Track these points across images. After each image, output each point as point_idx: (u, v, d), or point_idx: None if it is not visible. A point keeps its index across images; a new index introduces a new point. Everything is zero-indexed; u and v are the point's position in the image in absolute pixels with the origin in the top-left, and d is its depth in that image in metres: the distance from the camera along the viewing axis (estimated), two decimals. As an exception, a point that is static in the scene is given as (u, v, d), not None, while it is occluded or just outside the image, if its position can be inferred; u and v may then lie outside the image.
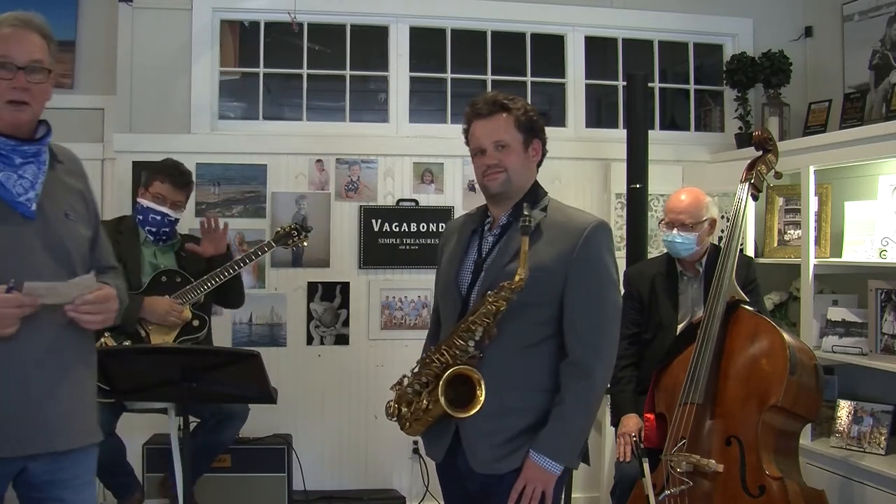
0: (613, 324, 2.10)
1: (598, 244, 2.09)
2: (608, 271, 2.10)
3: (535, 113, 2.17)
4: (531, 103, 2.23)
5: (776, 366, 2.62)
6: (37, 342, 1.84)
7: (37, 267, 1.85)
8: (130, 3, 3.94)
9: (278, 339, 4.05)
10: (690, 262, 3.14)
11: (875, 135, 3.26)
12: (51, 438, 1.86)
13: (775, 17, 4.44)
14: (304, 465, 3.82)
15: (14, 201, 1.85)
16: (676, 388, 2.76)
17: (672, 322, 3.10)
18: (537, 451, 2.02)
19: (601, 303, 2.07)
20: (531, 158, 2.18)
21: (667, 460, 2.70)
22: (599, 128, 4.55)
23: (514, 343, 2.06)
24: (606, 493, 3.64)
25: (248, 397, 2.91)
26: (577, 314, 2.06)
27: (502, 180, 2.13)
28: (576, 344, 2.06)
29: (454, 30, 4.34)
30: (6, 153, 1.85)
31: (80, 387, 1.93)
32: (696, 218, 3.07)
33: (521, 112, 2.14)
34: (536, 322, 2.08)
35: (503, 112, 2.13)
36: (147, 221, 3.21)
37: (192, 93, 4.04)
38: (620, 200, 4.16)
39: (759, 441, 2.59)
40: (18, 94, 1.85)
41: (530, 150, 2.17)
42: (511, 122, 2.13)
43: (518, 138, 2.14)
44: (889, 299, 3.23)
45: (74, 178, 2.02)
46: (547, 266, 2.05)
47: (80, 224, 1.98)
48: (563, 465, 2.04)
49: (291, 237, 3.38)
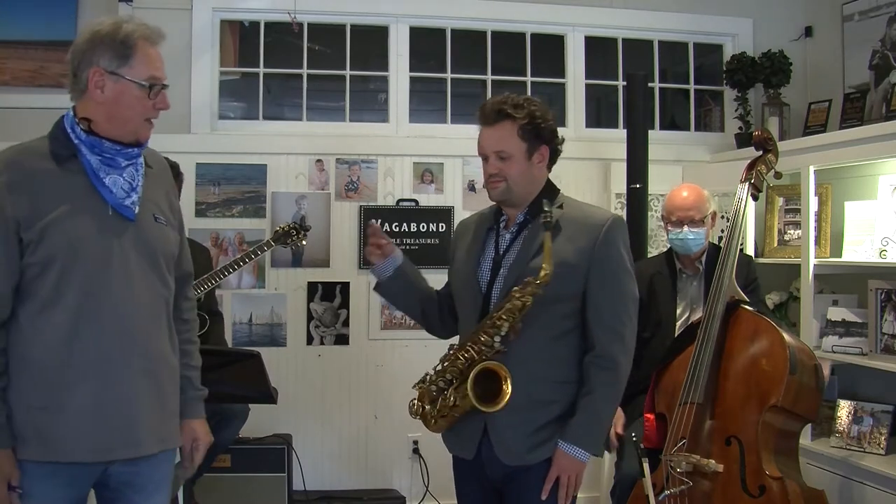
0: (633, 316, 2.17)
1: (616, 238, 2.14)
2: (626, 265, 2.16)
3: (543, 119, 2.15)
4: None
5: (776, 365, 2.62)
6: (126, 348, 1.85)
7: (132, 268, 1.87)
8: (130, 3, 3.94)
9: (278, 339, 4.05)
10: (691, 260, 3.14)
11: (875, 135, 3.27)
12: (136, 443, 1.87)
13: (775, 17, 4.44)
14: (304, 465, 3.83)
15: (120, 204, 1.87)
16: (676, 388, 2.76)
17: (671, 320, 3.09)
18: (568, 441, 2.09)
19: (622, 296, 2.14)
20: (536, 165, 2.18)
21: (666, 460, 2.70)
22: (599, 128, 4.55)
23: (540, 337, 2.11)
24: (606, 493, 3.64)
25: (249, 397, 2.91)
26: (601, 308, 2.12)
27: (502, 189, 2.16)
28: (601, 336, 2.12)
29: (454, 30, 4.34)
30: (112, 156, 1.89)
31: (163, 392, 1.95)
32: (703, 212, 3.09)
33: (525, 120, 2.13)
34: (560, 316, 2.13)
35: (507, 121, 2.13)
36: None
37: (192, 93, 4.04)
38: (620, 200, 4.16)
39: (759, 441, 2.59)
40: (156, 112, 1.96)
41: (535, 157, 2.17)
42: (514, 132, 2.13)
43: (521, 147, 2.14)
44: (889, 299, 3.23)
45: (163, 183, 2.07)
46: (569, 261, 2.10)
47: (169, 228, 2.01)
48: (592, 454, 2.12)
49: (290, 236, 3.38)
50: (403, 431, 3.97)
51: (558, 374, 2.14)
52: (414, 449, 4.04)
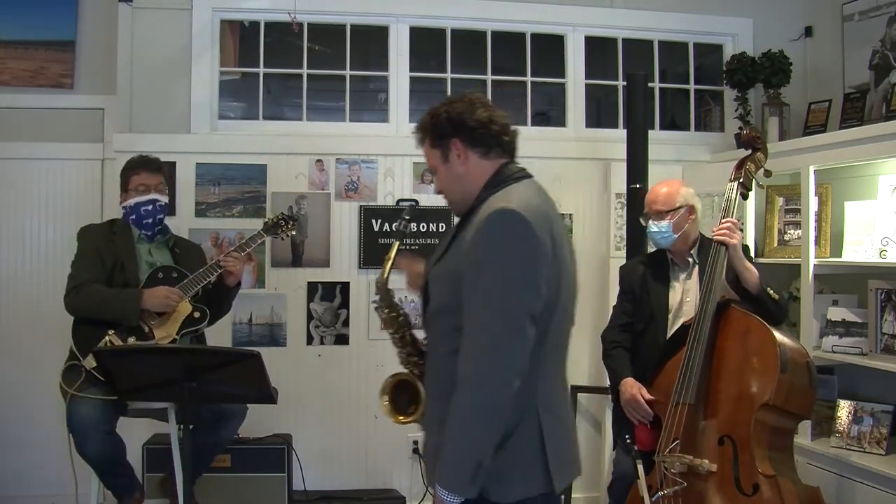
0: (497, 326, 1.76)
1: (490, 233, 1.80)
2: (496, 260, 1.78)
3: (437, 115, 1.97)
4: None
5: (767, 364, 2.63)
6: None
7: None
8: (130, 3, 3.94)
9: (278, 339, 4.05)
10: (680, 252, 3.11)
11: (875, 135, 3.26)
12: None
13: (775, 17, 4.44)
14: (304, 465, 3.83)
15: None
16: (669, 390, 2.76)
17: (663, 313, 3.07)
18: (435, 479, 1.81)
19: (486, 303, 1.77)
20: (457, 162, 1.96)
21: (660, 461, 2.70)
22: (599, 128, 4.55)
23: (441, 349, 1.91)
24: (606, 492, 3.64)
25: (248, 397, 2.91)
26: (465, 314, 1.80)
27: (448, 202, 2.05)
28: (461, 349, 1.79)
29: (454, 30, 4.34)
30: None
31: None
32: (670, 205, 3.02)
33: (429, 128, 1.99)
34: (451, 328, 1.84)
35: (424, 136, 2.03)
36: (140, 216, 3.22)
37: (192, 93, 4.05)
38: (620, 200, 4.16)
39: (753, 440, 2.60)
40: None
41: (451, 156, 1.96)
42: (429, 145, 2.01)
43: (436, 156, 2.00)
44: (889, 299, 3.23)
45: None
46: (454, 265, 1.87)
47: None
48: (457, 493, 1.76)
49: (280, 226, 3.39)
50: (403, 431, 3.94)
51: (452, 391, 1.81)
52: (414, 449, 4.04)
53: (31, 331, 3.96)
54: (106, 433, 2.96)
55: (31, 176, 4.04)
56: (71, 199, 4.06)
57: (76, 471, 3.15)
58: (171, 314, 3.13)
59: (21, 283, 4.03)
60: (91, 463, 2.99)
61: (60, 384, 3.00)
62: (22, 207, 4.05)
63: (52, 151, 4.03)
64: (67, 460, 3.11)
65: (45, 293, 3.91)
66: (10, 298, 4.03)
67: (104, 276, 3.12)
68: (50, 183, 4.06)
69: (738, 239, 2.87)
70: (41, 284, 3.98)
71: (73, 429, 2.94)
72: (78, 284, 3.08)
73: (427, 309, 1.98)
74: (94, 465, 3.01)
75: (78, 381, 2.96)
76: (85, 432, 2.91)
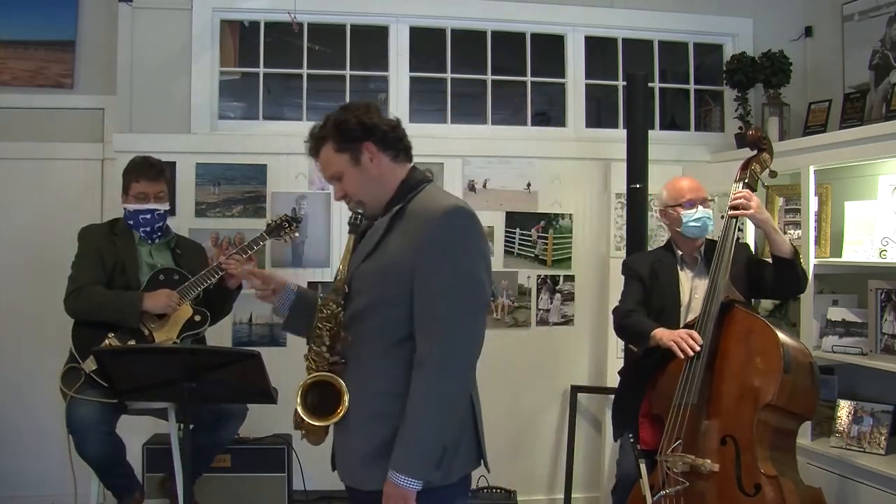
0: (462, 315, 1.87)
1: (447, 231, 1.89)
2: (452, 254, 1.88)
3: (345, 119, 2.02)
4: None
5: (770, 364, 2.63)
6: None
7: None
8: (130, 3, 3.94)
9: (278, 339, 4.05)
10: (692, 249, 3.09)
11: (875, 135, 3.26)
12: None
13: (775, 17, 4.44)
14: (304, 465, 3.82)
15: None
16: (672, 390, 2.76)
17: (675, 307, 3.02)
18: (391, 467, 1.86)
19: (448, 293, 1.86)
20: (371, 165, 2.01)
21: (662, 461, 2.70)
22: (599, 128, 4.55)
23: (378, 344, 1.95)
24: (606, 493, 3.64)
25: (249, 397, 2.91)
26: (419, 303, 1.88)
27: (354, 206, 2.06)
28: (419, 335, 1.88)
29: (454, 30, 4.34)
30: None
31: None
32: (707, 194, 3.09)
33: (333, 133, 2.02)
34: (394, 321, 1.92)
35: (323, 146, 2.05)
36: (139, 223, 3.21)
37: (192, 93, 4.04)
38: (620, 200, 4.16)
39: (755, 440, 2.60)
40: None
41: (363, 159, 2.01)
42: (332, 150, 2.03)
43: (344, 160, 2.02)
44: (889, 299, 3.23)
45: None
46: (395, 259, 1.92)
47: None
48: (420, 479, 1.84)
49: (283, 228, 3.38)
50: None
51: (395, 385, 1.90)
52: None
53: (32, 331, 3.96)
54: (106, 434, 2.96)
55: (32, 176, 4.04)
56: (71, 200, 4.06)
57: (76, 471, 3.15)
58: (172, 317, 3.12)
59: (21, 284, 4.03)
60: (91, 464, 2.99)
61: (60, 386, 3.00)
62: (22, 207, 4.05)
63: (52, 151, 4.03)
64: (67, 460, 3.11)
65: (45, 293, 3.89)
66: (10, 298, 4.03)
67: (105, 277, 3.12)
68: (50, 183, 4.06)
69: (756, 205, 2.84)
70: (41, 285, 3.97)
71: (72, 430, 2.94)
72: (78, 287, 3.07)
73: (349, 307, 2.00)
74: (94, 466, 3.01)
75: (77, 383, 2.96)
76: (84, 433, 2.92)
